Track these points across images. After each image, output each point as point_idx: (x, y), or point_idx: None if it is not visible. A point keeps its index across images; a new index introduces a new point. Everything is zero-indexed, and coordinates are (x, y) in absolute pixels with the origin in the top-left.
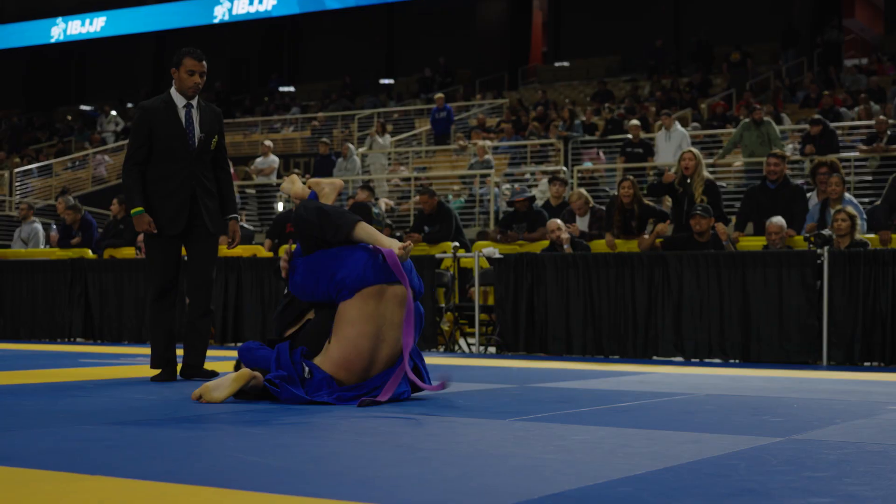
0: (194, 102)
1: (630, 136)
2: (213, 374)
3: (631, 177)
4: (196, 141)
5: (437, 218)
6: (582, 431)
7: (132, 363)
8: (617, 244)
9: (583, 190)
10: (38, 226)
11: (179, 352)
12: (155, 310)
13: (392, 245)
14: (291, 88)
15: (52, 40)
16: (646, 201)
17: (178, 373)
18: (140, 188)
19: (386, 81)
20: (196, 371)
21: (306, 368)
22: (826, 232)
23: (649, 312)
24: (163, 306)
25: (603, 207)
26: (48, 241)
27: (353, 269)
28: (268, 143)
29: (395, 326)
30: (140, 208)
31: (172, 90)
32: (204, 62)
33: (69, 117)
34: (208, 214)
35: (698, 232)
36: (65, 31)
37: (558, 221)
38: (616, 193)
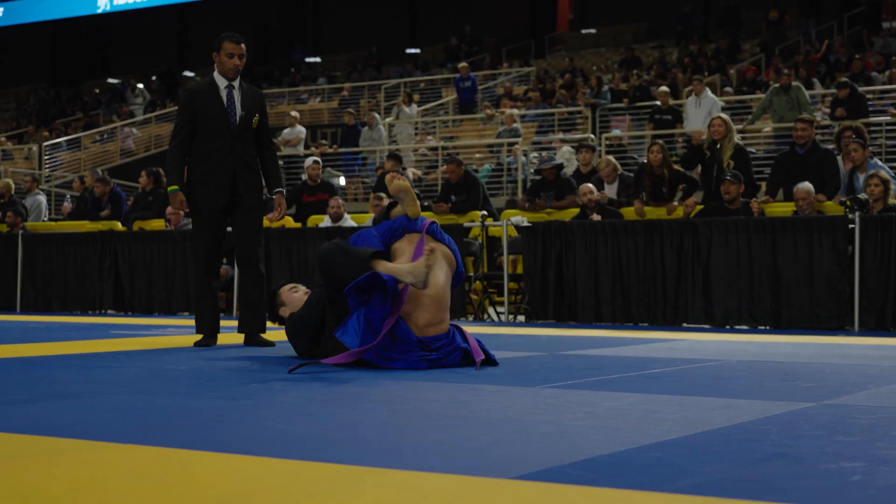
0: (235, 84)
1: (658, 102)
2: (270, 344)
3: (661, 141)
4: (237, 119)
5: (464, 187)
6: (612, 398)
7: (162, 334)
8: (646, 211)
9: (611, 157)
10: (42, 198)
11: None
12: (201, 282)
13: (414, 269)
14: (317, 59)
15: (99, 11)
16: (675, 167)
17: (242, 341)
18: (181, 166)
19: (411, 51)
20: (254, 339)
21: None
22: (862, 196)
23: (679, 279)
24: (208, 278)
25: (631, 175)
26: (61, 213)
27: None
28: (294, 113)
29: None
30: (176, 186)
31: (215, 73)
32: (242, 45)
33: (96, 91)
34: (247, 190)
35: (728, 199)
36: (111, 2)
37: (590, 185)
38: (645, 160)
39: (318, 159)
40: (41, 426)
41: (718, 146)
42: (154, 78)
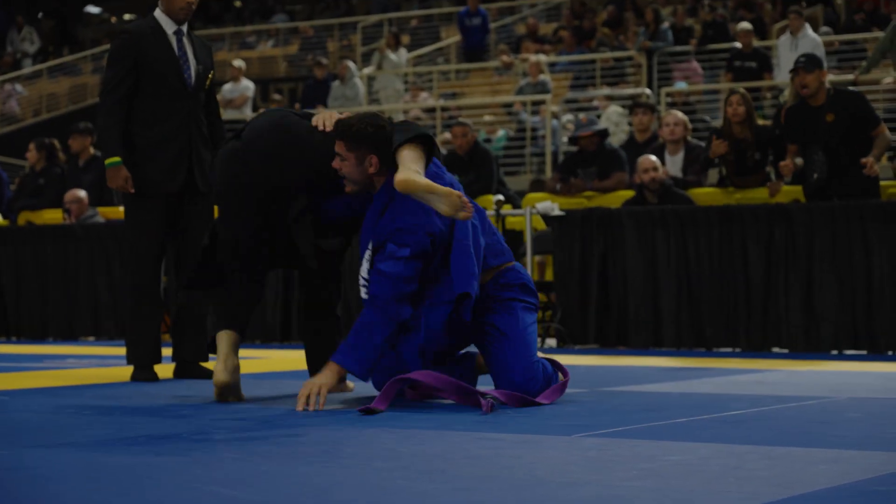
0: (184, 28)
1: (739, 44)
2: (209, 373)
3: (742, 89)
4: (192, 74)
5: (471, 162)
6: (677, 449)
7: (61, 367)
8: (724, 193)
9: (679, 112)
10: None
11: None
12: (139, 294)
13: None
14: None
15: None
16: (761, 122)
17: (173, 372)
18: (120, 131)
19: None
20: (193, 369)
21: None
22: None
23: (768, 287)
24: (149, 289)
25: (702, 144)
26: None
27: None
28: (238, 63)
29: None
30: (117, 158)
31: (158, 12)
32: None
33: None
34: (201, 169)
35: (806, 93)
36: None
37: (652, 158)
38: (720, 122)
39: None
40: None
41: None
42: (41, 16)
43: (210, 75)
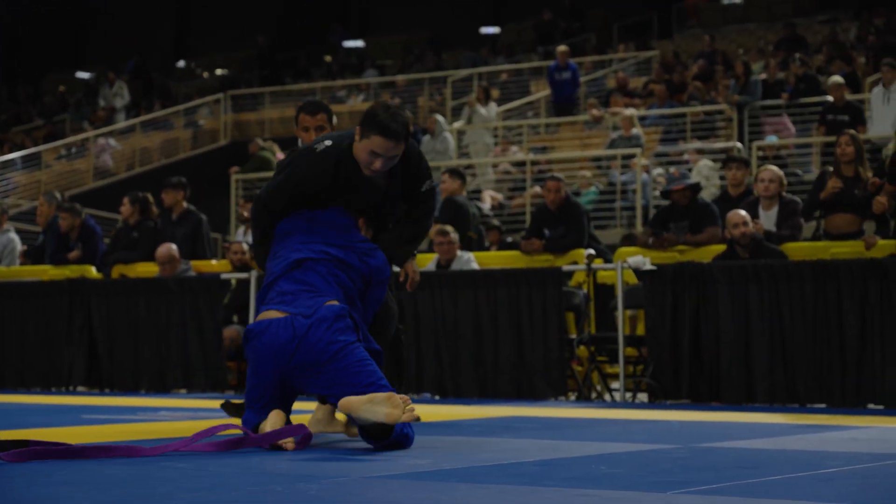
0: None
1: (831, 98)
2: None
3: (852, 131)
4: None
5: (562, 217)
6: None
7: (153, 419)
8: (820, 246)
9: (775, 167)
10: (14, 235)
11: None
12: None
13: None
14: (360, 43)
15: None
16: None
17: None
18: None
19: (489, 30)
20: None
21: None
22: None
23: (863, 342)
24: None
25: (797, 199)
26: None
27: None
28: None
29: None
30: None
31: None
32: (320, 114)
33: (62, 88)
34: None
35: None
36: None
37: (742, 213)
38: (812, 177)
39: None
40: None
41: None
42: (132, 67)
43: None
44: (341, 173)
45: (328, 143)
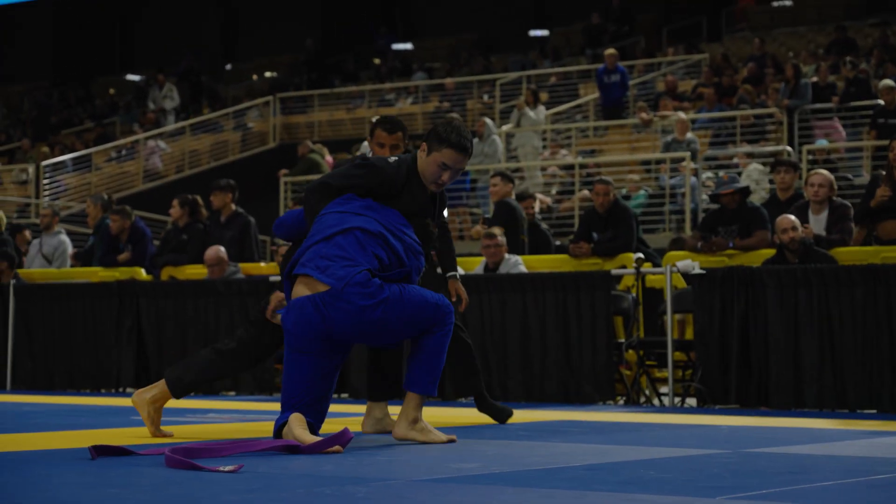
0: None
1: (882, 101)
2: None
3: None
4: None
5: (610, 220)
6: None
7: (202, 421)
8: (876, 251)
9: (825, 171)
10: (65, 237)
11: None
12: None
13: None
14: (409, 46)
15: None
16: None
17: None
18: None
19: (537, 33)
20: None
21: None
22: None
23: None
24: None
25: (847, 203)
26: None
27: None
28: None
29: None
30: None
31: None
32: (398, 132)
33: (111, 91)
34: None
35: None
36: None
37: (791, 217)
38: (864, 180)
39: None
40: None
41: None
42: (184, 69)
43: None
44: (407, 186)
45: (398, 158)
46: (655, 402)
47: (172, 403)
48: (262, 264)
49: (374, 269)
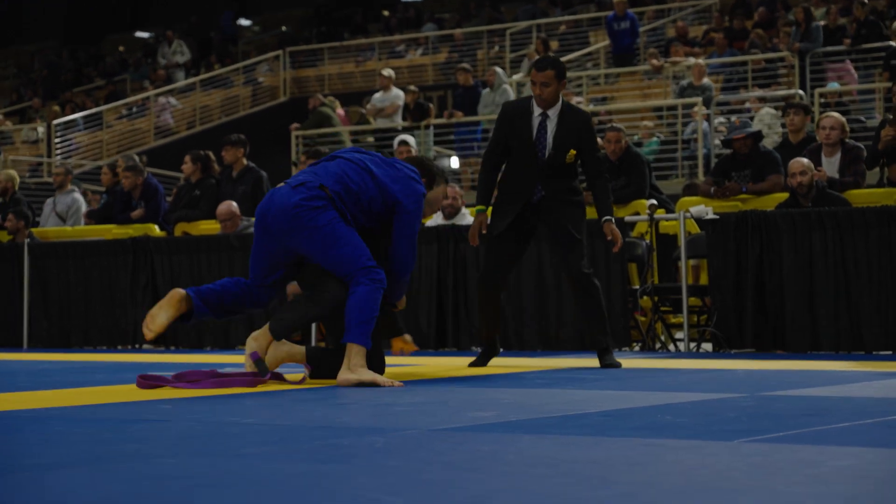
0: (551, 113)
1: (894, 42)
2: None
3: None
4: (547, 153)
5: (622, 167)
6: (842, 455)
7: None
8: (889, 192)
9: (837, 114)
10: (79, 196)
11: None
12: (480, 297)
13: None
14: None
15: None
16: None
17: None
18: (489, 187)
19: None
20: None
21: None
22: None
23: None
24: (487, 295)
25: (860, 145)
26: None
27: None
28: (388, 72)
29: None
30: (481, 206)
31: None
32: (547, 71)
33: (121, 48)
34: (542, 216)
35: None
36: None
37: (804, 161)
38: (876, 122)
39: (410, 140)
40: (66, 500)
41: None
42: (191, 22)
43: (570, 153)
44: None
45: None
46: (671, 347)
47: (190, 359)
48: None
49: (333, 192)
